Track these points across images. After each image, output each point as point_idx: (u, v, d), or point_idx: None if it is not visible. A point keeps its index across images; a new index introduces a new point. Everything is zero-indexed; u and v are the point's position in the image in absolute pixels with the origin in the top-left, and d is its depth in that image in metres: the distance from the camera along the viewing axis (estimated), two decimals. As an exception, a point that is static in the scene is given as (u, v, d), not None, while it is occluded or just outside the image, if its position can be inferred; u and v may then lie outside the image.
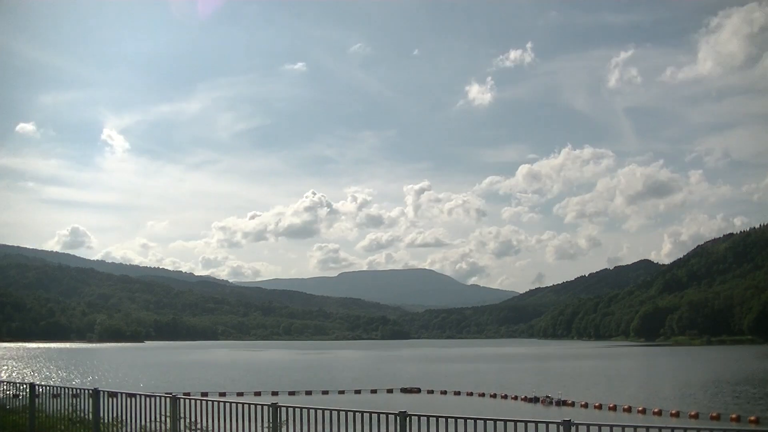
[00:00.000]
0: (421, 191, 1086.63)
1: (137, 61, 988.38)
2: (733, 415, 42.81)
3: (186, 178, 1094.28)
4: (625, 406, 48.58)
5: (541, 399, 55.12)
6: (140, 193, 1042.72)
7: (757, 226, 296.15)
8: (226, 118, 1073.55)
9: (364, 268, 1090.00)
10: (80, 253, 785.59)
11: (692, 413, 43.83)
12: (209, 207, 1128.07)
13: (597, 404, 50.46)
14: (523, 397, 57.77)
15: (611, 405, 49.31)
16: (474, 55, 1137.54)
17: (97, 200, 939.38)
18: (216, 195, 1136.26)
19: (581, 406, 50.88)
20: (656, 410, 46.46)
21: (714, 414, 43.33)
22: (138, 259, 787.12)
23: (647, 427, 8.86)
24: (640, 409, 47.13)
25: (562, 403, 53.13)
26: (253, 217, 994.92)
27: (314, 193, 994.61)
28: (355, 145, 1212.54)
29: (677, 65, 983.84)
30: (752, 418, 41.94)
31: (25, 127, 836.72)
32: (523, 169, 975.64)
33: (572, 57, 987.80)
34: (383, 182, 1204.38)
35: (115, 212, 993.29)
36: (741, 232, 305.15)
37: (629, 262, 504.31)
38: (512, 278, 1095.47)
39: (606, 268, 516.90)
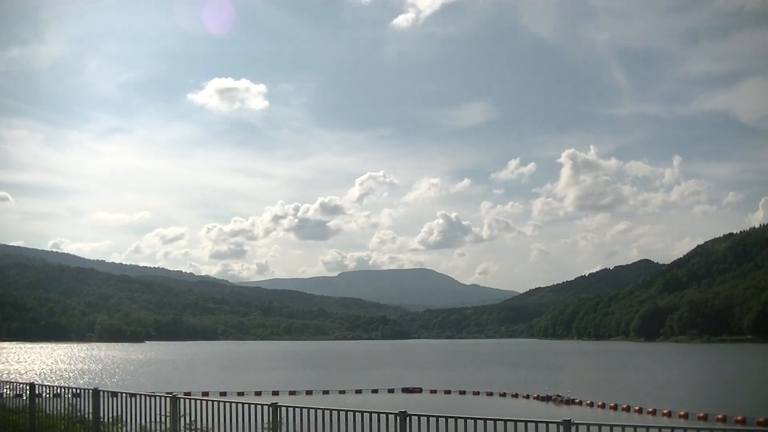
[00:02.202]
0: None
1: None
2: (739, 417, 42.45)
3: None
4: (636, 407, 48.13)
5: (552, 398, 55.00)
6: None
7: (757, 226, 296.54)
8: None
9: (365, 268, 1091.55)
10: (80, 252, 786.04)
11: (701, 414, 43.50)
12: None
13: (612, 404, 50.02)
14: (535, 396, 57.56)
15: (625, 406, 48.94)
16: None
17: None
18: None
19: (598, 406, 50.50)
20: (665, 411, 46.07)
21: (720, 416, 42.85)
22: (130, 259, 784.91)
23: (647, 427, 8.86)
24: (650, 410, 46.67)
25: (571, 402, 53.03)
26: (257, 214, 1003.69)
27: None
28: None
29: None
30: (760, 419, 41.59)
31: None
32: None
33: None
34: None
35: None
36: (741, 231, 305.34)
37: (629, 262, 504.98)
38: (512, 277, 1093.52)
39: (606, 268, 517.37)
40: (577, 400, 53.45)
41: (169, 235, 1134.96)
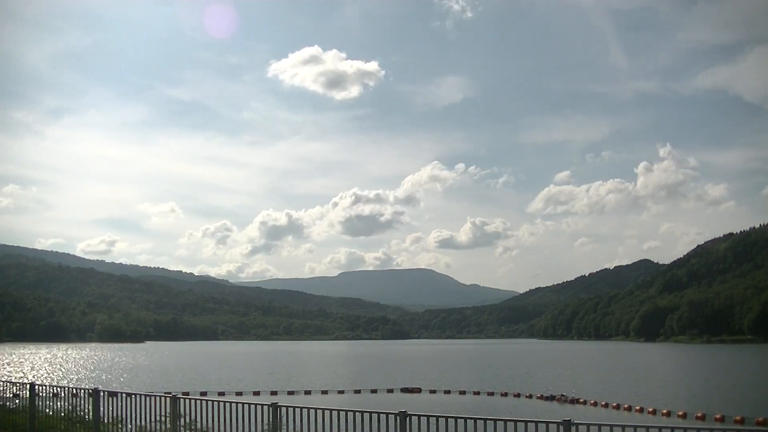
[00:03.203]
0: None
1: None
2: (738, 417, 42.40)
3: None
4: (637, 407, 47.96)
5: (556, 397, 54.73)
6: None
7: (757, 225, 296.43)
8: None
9: (365, 268, 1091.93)
10: (80, 253, 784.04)
11: (699, 414, 43.29)
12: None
13: (614, 404, 49.83)
14: (538, 395, 57.33)
15: (626, 406, 48.76)
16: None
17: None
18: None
19: (602, 405, 50.38)
20: (665, 411, 45.89)
21: (718, 416, 42.86)
22: (132, 259, 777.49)
23: (647, 427, 8.86)
24: (664, 412, 46.20)
25: (576, 401, 53.01)
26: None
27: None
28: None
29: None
30: (759, 419, 41.52)
31: None
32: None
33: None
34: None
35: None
36: (741, 231, 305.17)
37: (629, 262, 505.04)
38: (512, 277, 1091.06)
39: (606, 268, 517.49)
40: (581, 400, 53.30)
41: (151, 229, 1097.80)
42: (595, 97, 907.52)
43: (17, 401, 17.86)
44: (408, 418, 10.06)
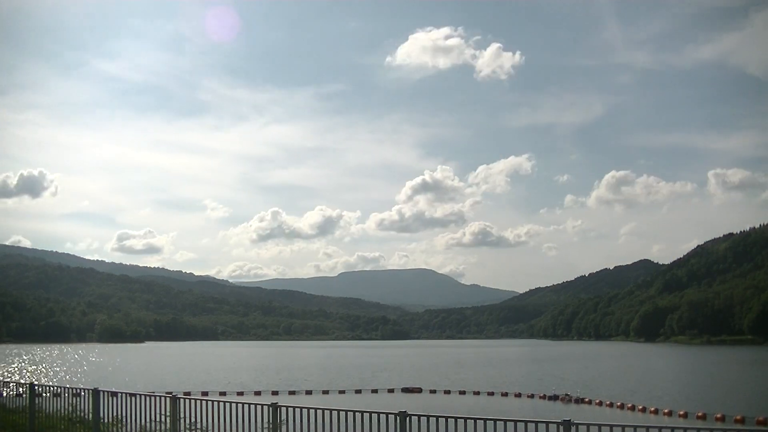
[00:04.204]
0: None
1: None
2: (738, 417, 42.38)
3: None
4: (639, 407, 47.92)
5: (560, 397, 54.54)
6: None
7: (757, 226, 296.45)
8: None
9: (364, 268, 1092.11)
10: (80, 253, 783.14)
11: (699, 414, 43.40)
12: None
13: (619, 404, 49.73)
14: (540, 395, 57.21)
15: (630, 405, 48.70)
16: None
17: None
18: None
19: (606, 405, 50.24)
20: (666, 411, 45.81)
21: (719, 416, 42.84)
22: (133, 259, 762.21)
23: (647, 427, 8.87)
24: (666, 411, 46.19)
25: (581, 401, 52.93)
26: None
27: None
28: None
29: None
30: (760, 418, 41.53)
31: None
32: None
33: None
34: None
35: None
36: (741, 231, 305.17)
37: (629, 262, 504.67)
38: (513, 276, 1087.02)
39: (606, 268, 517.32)
40: (586, 399, 53.25)
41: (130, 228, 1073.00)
42: (584, 72, 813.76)
43: (17, 401, 17.87)
44: (408, 418, 10.07)
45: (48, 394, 16.81)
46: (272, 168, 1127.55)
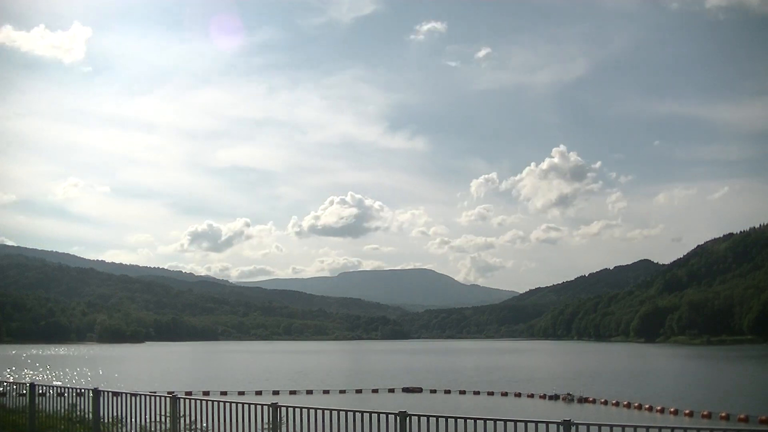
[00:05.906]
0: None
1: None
2: (742, 416, 42.43)
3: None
4: (646, 405, 47.89)
5: (562, 396, 54.54)
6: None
7: (757, 226, 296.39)
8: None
9: (364, 268, 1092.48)
10: (80, 253, 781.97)
11: (704, 413, 43.71)
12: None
13: (625, 402, 49.70)
14: (541, 394, 57.19)
15: (637, 404, 48.72)
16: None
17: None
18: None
19: (612, 404, 50.27)
20: (672, 409, 45.81)
21: (723, 414, 43.02)
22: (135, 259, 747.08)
23: (647, 427, 8.87)
24: (672, 410, 46.25)
25: (585, 400, 52.83)
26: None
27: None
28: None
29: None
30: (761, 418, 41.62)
31: None
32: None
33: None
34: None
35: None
36: (741, 231, 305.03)
37: (629, 262, 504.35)
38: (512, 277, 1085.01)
39: (606, 268, 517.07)
40: (590, 399, 53.22)
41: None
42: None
43: (17, 401, 17.86)
44: (408, 418, 10.08)
45: (48, 394, 16.81)
46: (224, 143, 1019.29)
